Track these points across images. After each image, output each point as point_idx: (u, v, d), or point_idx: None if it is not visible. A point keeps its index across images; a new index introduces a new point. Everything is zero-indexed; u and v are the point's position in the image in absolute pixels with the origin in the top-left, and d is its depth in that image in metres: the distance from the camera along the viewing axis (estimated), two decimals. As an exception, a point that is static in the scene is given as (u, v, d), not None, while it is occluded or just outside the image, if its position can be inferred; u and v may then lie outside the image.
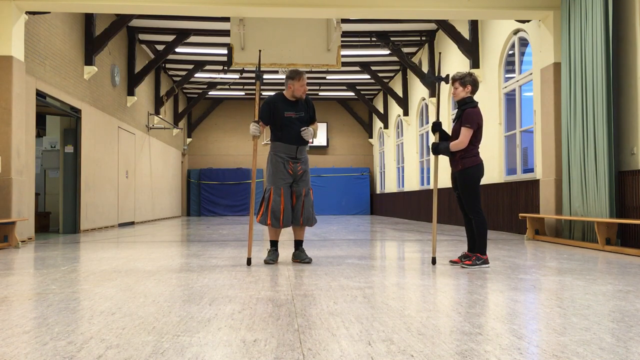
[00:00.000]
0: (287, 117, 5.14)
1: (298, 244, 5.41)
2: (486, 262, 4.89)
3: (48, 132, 12.54)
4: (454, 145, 4.88)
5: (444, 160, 13.60)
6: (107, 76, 12.19)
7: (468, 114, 4.87)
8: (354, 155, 22.99)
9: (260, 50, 5.85)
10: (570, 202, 7.44)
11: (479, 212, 4.88)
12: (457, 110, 5.06)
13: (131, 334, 2.50)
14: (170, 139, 19.02)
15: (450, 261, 5.14)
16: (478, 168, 4.89)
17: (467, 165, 4.87)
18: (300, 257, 5.33)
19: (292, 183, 5.21)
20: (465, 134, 4.83)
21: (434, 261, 5.14)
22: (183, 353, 2.20)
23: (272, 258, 5.25)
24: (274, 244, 5.35)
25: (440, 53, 5.72)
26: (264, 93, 21.04)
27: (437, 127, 5.11)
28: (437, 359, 2.12)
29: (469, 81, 4.95)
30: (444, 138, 5.17)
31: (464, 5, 8.10)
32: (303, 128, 5.16)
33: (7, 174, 7.64)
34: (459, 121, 4.96)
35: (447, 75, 5.11)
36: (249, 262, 5.14)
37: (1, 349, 2.27)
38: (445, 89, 12.80)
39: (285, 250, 6.27)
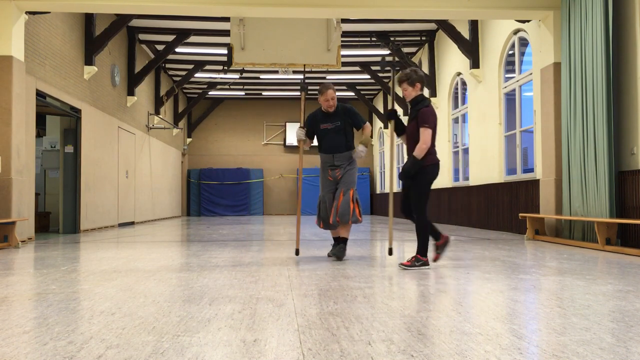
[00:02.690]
0: (322, 128, 5.60)
1: (338, 240, 5.63)
2: (426, 263, 4.77)
3: (48, 132, 12.54)
4: (419, 150, 4.69)
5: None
6: (107, 76, 12.19)
7: (423, 113, 4.72)
8: (354, 155, 22.95)
9: (304, 66, 6.43)
10: (570, 202, 7.44)
11: (424, 212, 4.75)
12: (410, 110, 4.90)
13: (131, 334, 2.50)
14: (170, 139, 19.02)
15: (400, 264, 4.91)
16: (434, 167, 4.77)
17: (424, 163, 4.72)
18: (332, 252, 5.61)
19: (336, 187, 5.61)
20: (426, 134, 4.68)
21: (390, 252, 5.39)
22: (183, 353, 2.20)
23: (334, 252, 5.57)
24: (335, 239, 5.68)
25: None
26: (263, 93, 21.06)
27: (391, 115, 5.02)
28: (437, 359, 2.12)
29: (416, 79, 4.81)
30: (400, 126, 5.05)
31: (464, 5, 8.10)
32: (357, 149, 5.45)
33: (7, 174, 7.64)
34: (414, 121, 4.80)
35: (399, 61, 5.07)
36: (297, 252, 5.72)
37: (1, 349, 2.27)
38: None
39: (290, 251, 6.26)
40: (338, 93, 20.99)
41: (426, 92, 14.48)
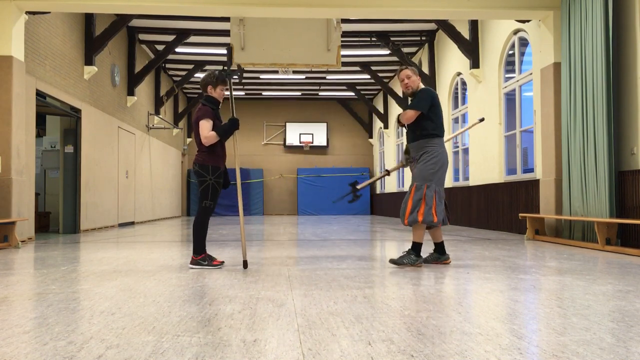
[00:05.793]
0: None
1: (436, 245, 5.16)
2: (202, 261, 4.91)
3: (48, 132, 12.53)
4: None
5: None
6: (107, 76, 12.19)
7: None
8: (354, 155, 22.99)
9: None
10: (570, 202, 7.44)
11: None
12: None
13: (131, 334, 2.50)
14: (170, 139, 19.02)
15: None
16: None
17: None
18: (431, 256, 5.13)
19: None
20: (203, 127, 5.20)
21: (245, 265, 4.85)
22: (183, 353, 2.20)
23: (401, 260, 4.92)
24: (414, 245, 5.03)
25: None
26: (263, 93, 21.04)
27: (231, 122, 5.40)
28: (437, 359, 2.12)
29: (208, 82, 5.27)
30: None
31: (464, 5, 8.10)
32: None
33: (7, 174, 7.64)
34: None
35: (238, 70, 5.39)
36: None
37: (1, 349, 2.27)
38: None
39: (277, 250, 6.25)
40: (338, 93, 20.99)
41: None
